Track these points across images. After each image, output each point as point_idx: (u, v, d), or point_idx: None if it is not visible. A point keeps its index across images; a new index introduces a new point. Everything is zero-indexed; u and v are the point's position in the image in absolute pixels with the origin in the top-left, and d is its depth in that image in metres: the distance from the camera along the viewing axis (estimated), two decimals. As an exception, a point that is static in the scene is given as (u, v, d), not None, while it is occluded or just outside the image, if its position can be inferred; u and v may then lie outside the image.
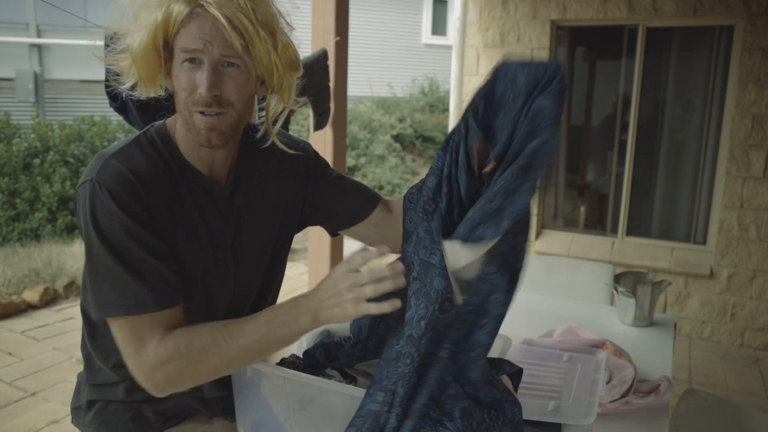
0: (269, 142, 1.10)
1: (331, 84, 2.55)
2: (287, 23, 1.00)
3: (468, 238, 0.87)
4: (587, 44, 4.40)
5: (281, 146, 1.10)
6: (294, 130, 7.84)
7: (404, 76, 11.16)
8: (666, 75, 4.08)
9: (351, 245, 6.16)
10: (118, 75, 1.00)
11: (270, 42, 0.94)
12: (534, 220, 4.36)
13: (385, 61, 10.99)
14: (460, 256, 0.87)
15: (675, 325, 2.11)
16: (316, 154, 1.23)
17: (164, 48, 0.95)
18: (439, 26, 12.01)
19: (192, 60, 0.93)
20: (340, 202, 1.22)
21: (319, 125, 2.56)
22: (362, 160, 8.56)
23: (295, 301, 0.94)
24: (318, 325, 0.93)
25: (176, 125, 1.02)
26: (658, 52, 4.03)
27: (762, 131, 3.67)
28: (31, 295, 4.28)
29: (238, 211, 1.07)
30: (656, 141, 4.16)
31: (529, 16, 4.18)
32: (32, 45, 8.50)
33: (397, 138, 9.38)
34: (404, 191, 7.24)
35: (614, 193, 4.28)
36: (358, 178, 8.28)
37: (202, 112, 0.94)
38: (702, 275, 3.90)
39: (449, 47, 6.34)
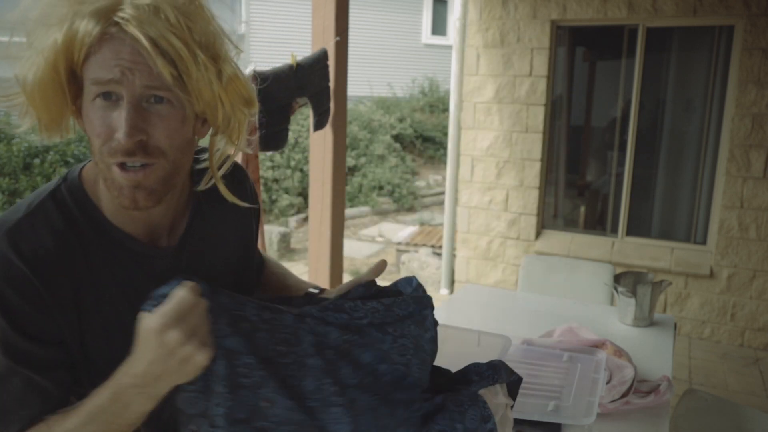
0: (212, 183, 0.89)
1: (331, 84, 2.55)
2: (234, 45, 0.79)
3: None
4: (587, 44, 4.41)
5: (233, 199, 0.89)
6: (294, 129, 7.84)
7: (404, 76, 11.17)
8: (666, 75, 4.08)
9: (351, 245, 6.11)
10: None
11: (212, 69, 0.74)
12: (534, 220, 4.37)
13: (385, 61, 11.00)
14: None
15: (675, 325, 2.11)
16: (254, 190, 1.05)
17: (71, 80, 0.73)
18: (439, 26, 12.02)
19: (106, 95, 0.71)
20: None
21: (319, 125, 2.57)
22: (362, 160, 8.56)
23: (117, 383, 0.72)
24: (162, 394, 0.73)
25: (97, 178, 0.81)
26: (658, 52, 4.03)
27: (762, 131, 3.67)
28: (31, 295, 4.28)
29: (185, 273, 0.88)
30: (656, 141, 4.16)
31: (529, 16, 4.18)
32: (32, 45, 8.50)
33: (397, 138, 9.38)
34: (404, 191, 7.16)
35: (614, 193, 4.28)
36: (358, 178, 8.28)
37: (122, 165, 0.73)
38: (702, 275, 3.90)
39: (449, 47, 6.34)
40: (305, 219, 6.96)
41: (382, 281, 0.96)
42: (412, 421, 0.86)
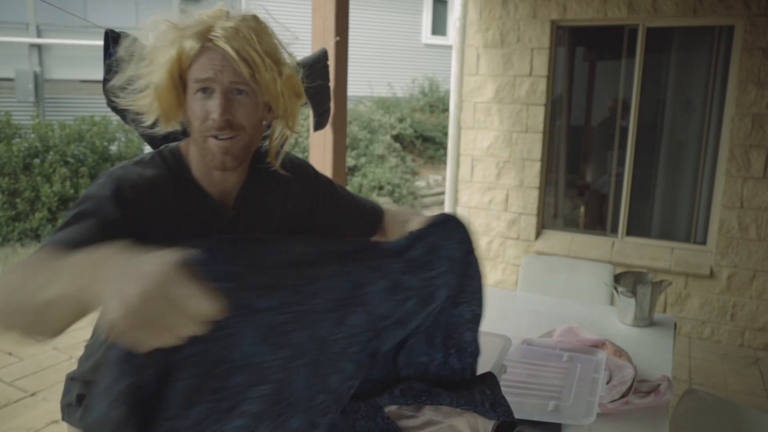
0: (279, 163, 1.17)
1: (331, 84, 2.55)
2: (288, 53, 1.10)
3: None
4: (587, 44, 4.40)
5: (283, 173, 1.18)
6: (294, 130, 7.83)
7: (404, 76, 11.16)
8: (666, 75, 4.08)
9: (351, 245, 6.07)
10: (138, 114, 1.09)
11: (275, 70, 1.03)
12: (534, 220, 4.36)
13: (385, 61, 10.99)
14: None
15: (675, 325, 2.11)
16: (316, 175, 1.31)
17: (180, 82, 1.04)
18: (439, 26, 12.01)
19: (204, 90, 1.02)
20: (343, 227, 1.31)
21: (319, 125, 2.56)
22: (362, 160, 8.56)
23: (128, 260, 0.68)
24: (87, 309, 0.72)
25: (189, 151, 1.11)
26: (658, 52, 4.03)
27: (762, 131, 3.67)
28: (31, 295, 4.27)
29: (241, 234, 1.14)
30: (656, 141, 4.16)
31: (529, 16, 4.18)
32: (32, 45, 8.50)
33: (397, 138, 9.37)
34: (404, 191, 7.13)
35: (614, 193, 4.28)
36: (358, 178, 8.27)
37: (215, 137, 1.02)
38: (702, 275, 3.90)
39: (449, 47, 6.34)
40: (305, 219, 6.93)
41: None
42: (333, 399, 0.92)
